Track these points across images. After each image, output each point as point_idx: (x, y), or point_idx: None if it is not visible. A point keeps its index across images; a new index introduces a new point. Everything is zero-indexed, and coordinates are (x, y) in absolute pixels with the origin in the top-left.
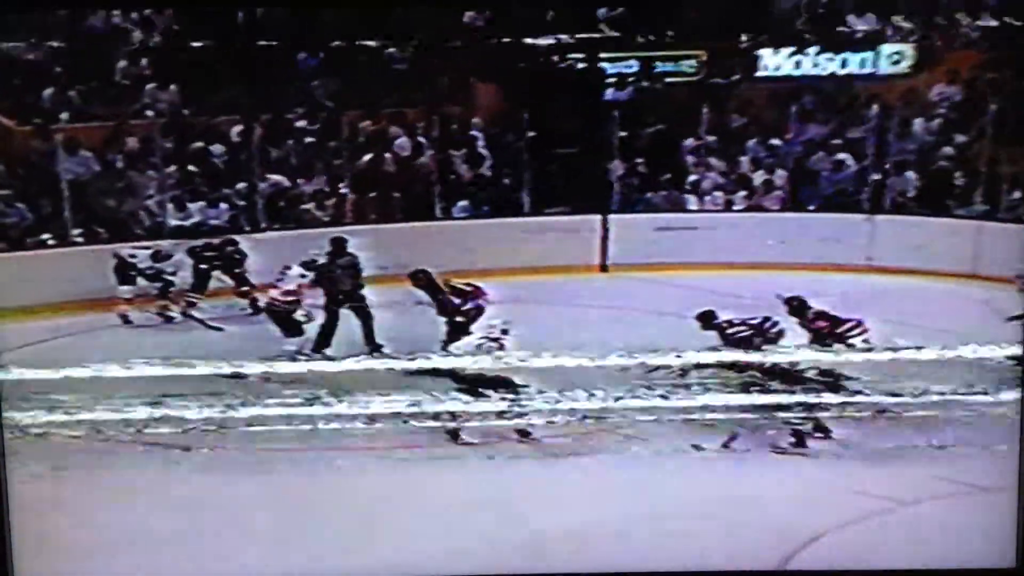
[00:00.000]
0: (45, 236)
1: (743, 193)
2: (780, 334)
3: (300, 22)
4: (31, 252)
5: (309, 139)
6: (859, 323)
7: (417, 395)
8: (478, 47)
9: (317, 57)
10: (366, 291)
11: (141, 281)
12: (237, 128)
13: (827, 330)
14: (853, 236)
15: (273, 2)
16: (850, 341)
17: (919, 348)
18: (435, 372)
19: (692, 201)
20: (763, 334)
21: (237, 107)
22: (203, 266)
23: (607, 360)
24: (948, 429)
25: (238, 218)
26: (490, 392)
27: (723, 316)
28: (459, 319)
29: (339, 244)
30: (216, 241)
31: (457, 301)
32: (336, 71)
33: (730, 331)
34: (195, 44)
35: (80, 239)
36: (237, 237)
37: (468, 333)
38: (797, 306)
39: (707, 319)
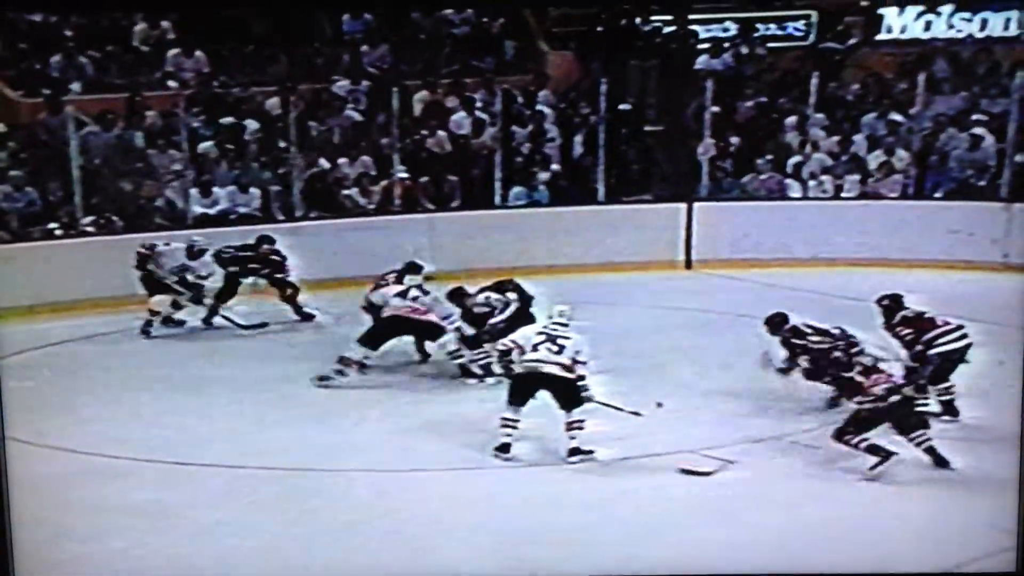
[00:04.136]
0: (52, 225)
1: (856, 177)
2: (858, 353)
3: None
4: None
5: (353, 114)
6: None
7: None
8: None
9: (363, 20)
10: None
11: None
12: (272, 101)
13: (912, 337)
14: (987, 228)
15: None
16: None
17: None
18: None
19: (795, 187)
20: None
21: (273, 77)
22: (233, 269)
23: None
24: None
25: (270, 205)
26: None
27: (797, 321)
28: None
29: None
30: (250, 243)
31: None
32: (385, 36)
33: (797, 342)
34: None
35: (91, 228)
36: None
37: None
38: (888, 305)
39: (776, 325)
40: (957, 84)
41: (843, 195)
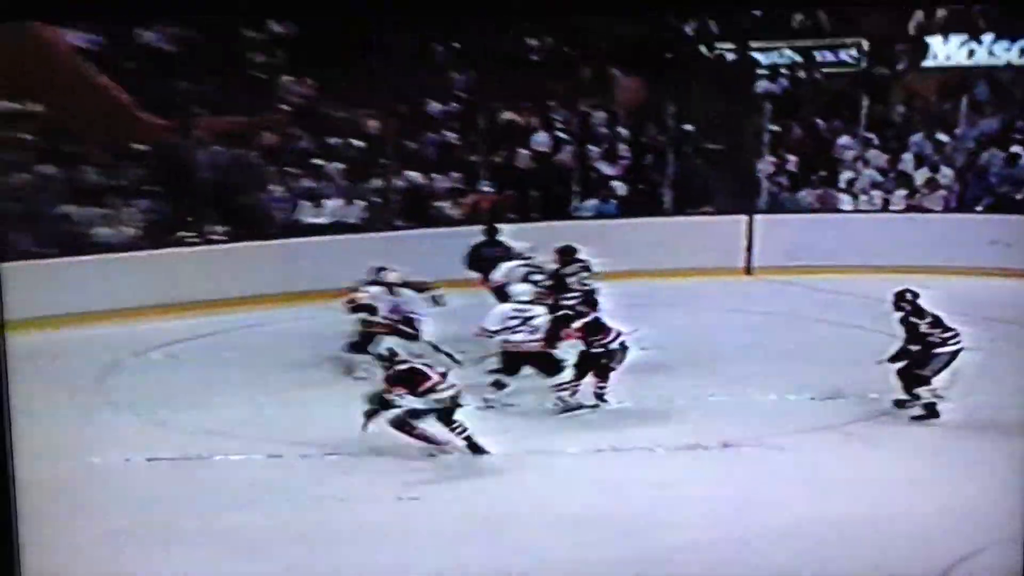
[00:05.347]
0: (183, 234)
1: (903, 192)
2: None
3: (438, 12)
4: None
5: (446, 133)
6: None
7: None
8: (621, 35)
9: (451, 47)
10: None
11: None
12: (373, 123)
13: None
14: None
15: None
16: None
17: None
18: None
19: (846, 201)
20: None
21: (373, 100)
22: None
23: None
24: None
25: (374, 217)
26: None
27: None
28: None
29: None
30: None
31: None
32: (473, 63)
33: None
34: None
35: (222, 236)
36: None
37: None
38: (910, 300)
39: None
40: (997, 106)
41: (891, 208)
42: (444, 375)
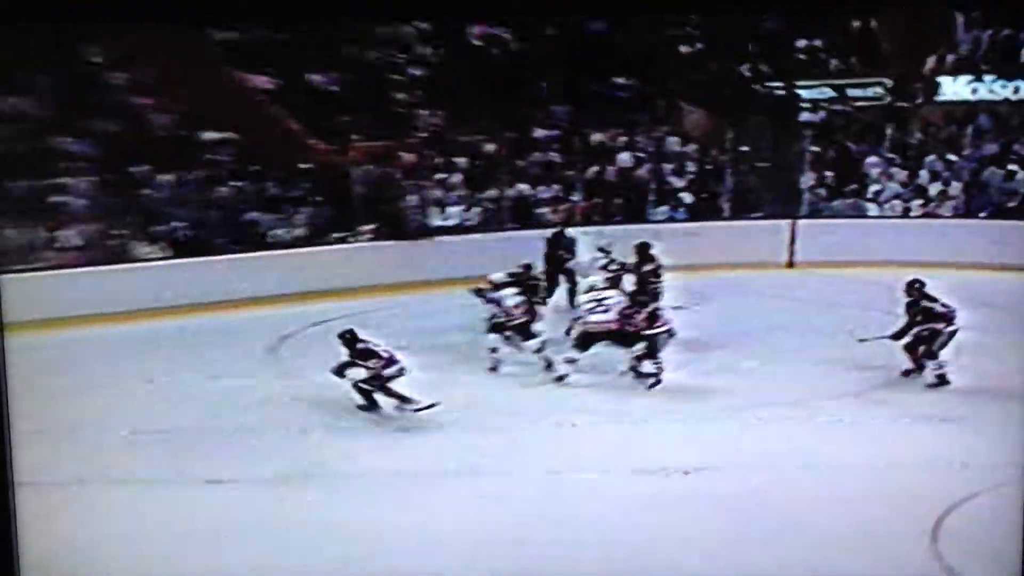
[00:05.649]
0: (339, 234)
1: (919, 202)
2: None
3: (544, 58)
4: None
5: (548, 153)
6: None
7: None
8: (690, 76)
9: (555, 85)
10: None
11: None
12: (490, 145)
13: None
14: (1019, 240)
15: None
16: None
17: None
18: None
19: (872, 208)
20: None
21: (490, 127)
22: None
23: None
24: None
25: (488, 220)
26: None
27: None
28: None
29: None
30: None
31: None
32: (570, 97)
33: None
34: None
35: (370, 236)
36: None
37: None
38: (918, 288)
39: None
40: (996, 133)
41: (909, 215)
42: (392, 358)
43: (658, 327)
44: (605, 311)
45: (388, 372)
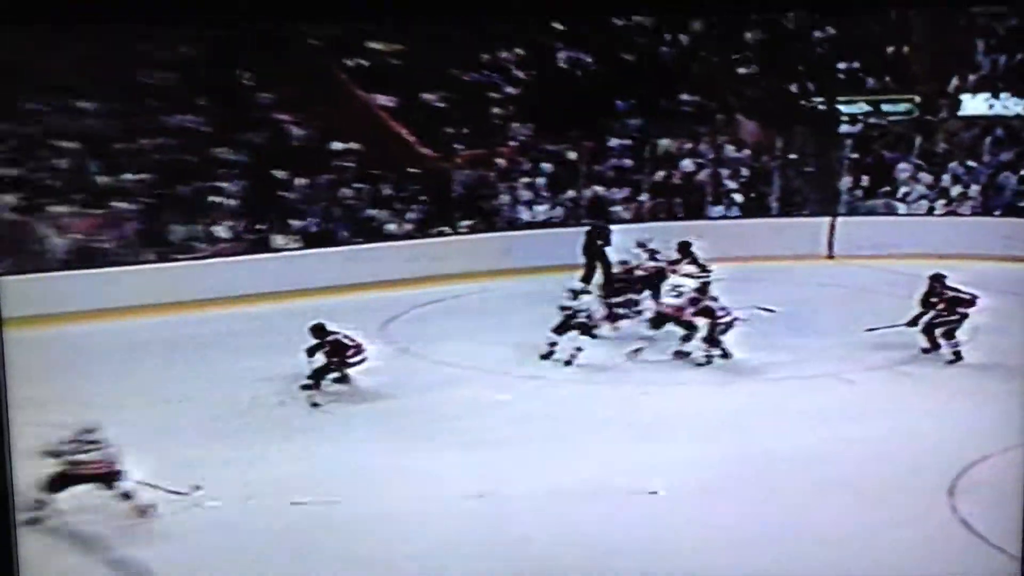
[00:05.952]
0: (442, 228)
1: (943, 202)
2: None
3: (620, 78)
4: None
5: (621, 159)
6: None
7: None
8: (745, 93)
9: (629, 102)
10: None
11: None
12: (571, 153)
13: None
14: None
15: None
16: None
17: None
18: None
19: (902, 207)
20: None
21: (572, 137)
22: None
23: None
24: None
25: (569, 217)
26: None
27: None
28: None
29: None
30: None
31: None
32: (642, 111)
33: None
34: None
35: (466, 231)
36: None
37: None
38: (940, 281)
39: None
40: (1010, 143)
41: (934, 213)
42: (359, 347)
43: (718, 317)
44: (677, 296)
45: (354, 360)
